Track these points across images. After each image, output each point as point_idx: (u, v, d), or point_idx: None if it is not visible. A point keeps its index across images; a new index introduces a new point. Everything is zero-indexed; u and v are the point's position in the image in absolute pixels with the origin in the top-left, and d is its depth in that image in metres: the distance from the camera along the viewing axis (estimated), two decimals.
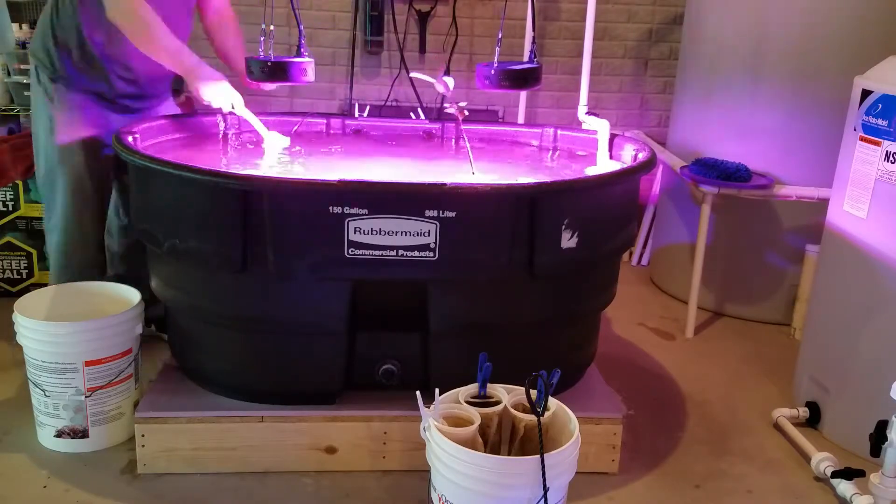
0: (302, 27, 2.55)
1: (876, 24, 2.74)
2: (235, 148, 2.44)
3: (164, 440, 1.98)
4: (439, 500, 1.66)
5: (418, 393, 1.69)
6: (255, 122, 2.38)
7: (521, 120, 3.78)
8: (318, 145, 2.50)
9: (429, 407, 1.69)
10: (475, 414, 1.71)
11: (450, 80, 2.28)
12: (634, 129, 3.87)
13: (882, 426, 1.76)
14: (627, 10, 3.80)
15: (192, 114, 2.61)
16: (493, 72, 2.47)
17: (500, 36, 2.74)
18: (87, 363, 2.00)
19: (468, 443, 1.63)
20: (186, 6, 2.41)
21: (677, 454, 2.21)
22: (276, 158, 2.29)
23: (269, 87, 2.49)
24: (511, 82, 2.51)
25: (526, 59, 3.56)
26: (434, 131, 2.68)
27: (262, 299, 1.93)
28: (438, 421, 1.67)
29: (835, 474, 2.03)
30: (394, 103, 3.75)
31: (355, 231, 1.80)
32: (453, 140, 2.63)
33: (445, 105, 2.33)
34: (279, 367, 2.02)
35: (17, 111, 3.33)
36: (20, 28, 3.35)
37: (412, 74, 3.51)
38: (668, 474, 2.13)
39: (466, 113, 2.30)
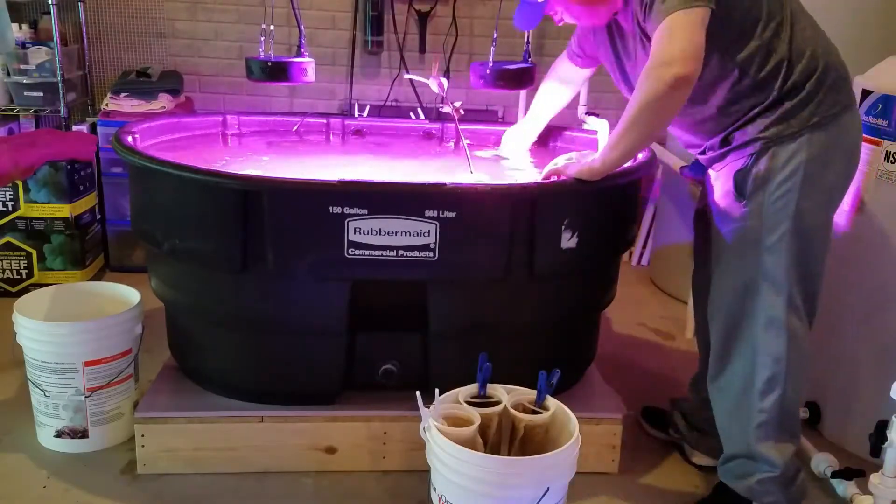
0: (302, 27, 2.56)
1: (876, 24, 2.74)
2: (236, 148, 2.45)
3: (163, 440, 1.97)
4: (439, 500, 1.66)
5: (418, 393, 1.69)
6: None
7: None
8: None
9: (429, 407, 1.69)
10: (475, 414, 1.71)
11: (444, 80, 2.29)
12: None
13: (882, 426, 1.75)
14: None
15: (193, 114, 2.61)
16: (487, 71, 2.49)
17: (495, 36, 2.76)
18: (87, 363, 2.00)
19: (468, 443, 1.63)
20: None
21: (677, 454, 2.21)
22: None
23: None
24: (505, 82, 2.53)
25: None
26: (434, 131, 2.68)
27: (262, 299, 1.93)
28: (438, 421, 1.67)
29: (835, 474, 2.03)
30: (394, 103, 3.75)
31: (355, 231, 1.80)
32: (453, 140, 2.63)
33: (440, 105, 2.33)
34: (279, 367, 2.02)
35: (17, 111, 3.34)
36: (20, 28, 3.36)
37: (406, 76, 3.52)
38: (668, 474, 2.13)
39: (462, 112, 2.30)
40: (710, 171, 1.91)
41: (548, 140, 2.56)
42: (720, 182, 1.84)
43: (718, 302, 1.85)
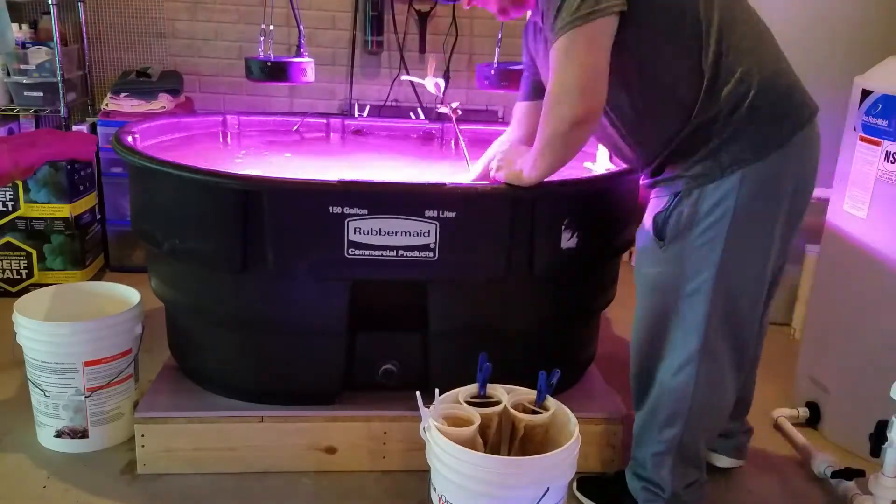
0: (302, 27, 2.57)
1: (876, 24, 2.74)
2: (237, 147, 2.45)
3: (163, 440, 1.98)
4: (439, 500, 1.66)
5: (418, 393, 1.69)
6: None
7: None
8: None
9: (429, 407, 1.69)
10: (475, 414, 1.71)
11: (440, 81, 2.30)
12: None
13: (882, 426, 1.76)
14: None
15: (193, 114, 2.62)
16: (492, 72, 2.50)
17: (500, 36, 2.76)
18: (87, 363, 2.00)
19: (468, 443, 1.62)
20: None
21: None
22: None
23: None
24: (510, 82, 2.53)
25: None
26: (433, 131, 2.69)
27: (262, 299, 1.93)
28: (438, 421, 1.67)
29: (835, 474, 2.03)
30: (394, 103, 3.75)
31: (355, 231, 1.81)
32: (452, 140, 2.63)
33: (438, 106, 2.33)
34: (279, 367, 2.02)
35: (17, 111, 3.34)
36: (20, 28, 3.36)
37: (404, 77, 3.52)
38: None
39: (460, 112, 2.30)
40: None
41: None
42: (646, 216, 1.71)
43: (635, 337, 1.79)
